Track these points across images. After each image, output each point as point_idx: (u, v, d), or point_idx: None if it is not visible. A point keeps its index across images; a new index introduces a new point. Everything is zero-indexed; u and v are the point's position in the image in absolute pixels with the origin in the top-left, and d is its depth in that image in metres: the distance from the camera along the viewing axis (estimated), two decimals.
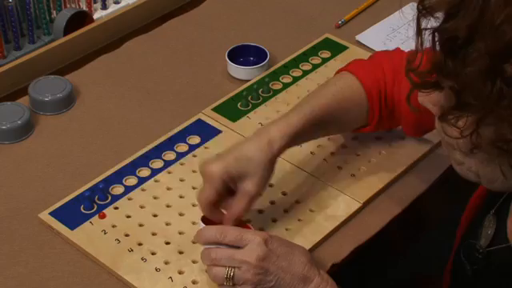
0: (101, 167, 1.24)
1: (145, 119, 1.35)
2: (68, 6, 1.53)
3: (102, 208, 1.17)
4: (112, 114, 1.36)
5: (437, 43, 0.83)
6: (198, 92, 1.40)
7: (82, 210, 1.17)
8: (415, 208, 1.22)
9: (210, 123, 1.32)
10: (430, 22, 0.83)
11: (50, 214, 1.16)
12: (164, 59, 1.48)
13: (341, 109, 1.17)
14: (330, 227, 1.16)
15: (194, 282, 1.07)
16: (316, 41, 1.51)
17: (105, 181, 1.21)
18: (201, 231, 1.06)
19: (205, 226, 1.06)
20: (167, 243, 1.12)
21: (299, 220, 1.17)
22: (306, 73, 1.43)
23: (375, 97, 1.19)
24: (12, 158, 1.27)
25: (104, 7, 1.58)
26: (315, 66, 1.45)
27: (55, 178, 1.23)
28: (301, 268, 1.03)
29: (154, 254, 1.11)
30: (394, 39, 1.52)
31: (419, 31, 0.84)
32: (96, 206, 1.17)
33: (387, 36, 1.53)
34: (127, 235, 1.13)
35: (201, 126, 1.32)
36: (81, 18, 1.50)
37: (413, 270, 1.45)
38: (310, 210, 1.18)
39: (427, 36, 0.84)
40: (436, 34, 0.83)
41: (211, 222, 1.08)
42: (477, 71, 0.78)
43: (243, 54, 1.45)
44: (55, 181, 1.23)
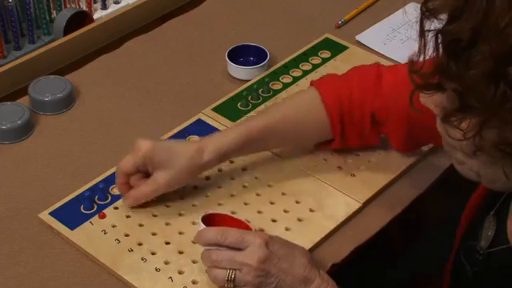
0: (101, 167, 1.24)
1: (145, 119, 1.35)
2: (68, 5, 1.53)
3: (101, 208, 1.17)
4: (112, 114, 1.36)
5: (440, 45, 0.83)
6: (197, 92, 1.40)
7: (82, 210, 1.17)
8: (415, 208, 1.22)
9: (210, 123, 1.32)
10: (434, 24, 0.83)
11: (49, 214, 1.16)
12: (164, 59, 1.48)
13: (293, 125, 1.19)
14: (330, 227, 1.16)
15: (194, 282, 1.07)
16: (316, 41, 1.51)
17: (105, 181, 1.21)
18: (201, 232, 1.06)
19: (205, 226, 1.06)
20: (167, 243, 1.12)
21: (299, 220, 1.17)
22: (305, 73, 1.43)
23: (336, 113, 1.19)
24: (12, 158, 1.27)
25: (104, 7, 1.58)
26: (315, 66, 1.45)
27: (55, 178, 1.24)
28: (301, 269, 1.04)
29: (153, 254, 1.11)
30: (394, 39, 1.52)
31: (422, 33, 0.84)
32: (96, 206, 1.17)
33: (387, 36, 1.53)
34: (127, 235, 1.13)
35: (201, 126, 1.32)
36: (81, 18, 1.50)
37: (413, 270, 1.45)
38: (310, 210, 1.18)
39: (430, 38, 0.83)
40: (439, 35, 0.82)
41: (211, 222, 1.08)
42: (480, 74, 0.78)
43: (243, 54, 1.45)
44: (55, 181, 1.23)
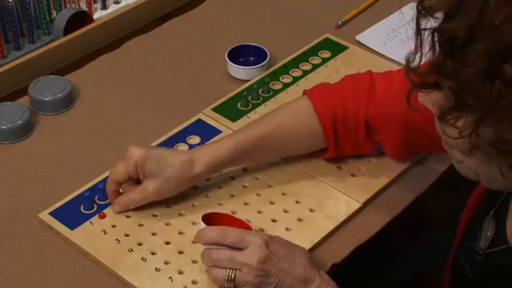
0: (101, 167, 1.24)
1: (145, 119, 1.35)
2: (68, 5, 1.53)
3: (101, 208, 1.17)
4: (112, 114, 1.36)
5: (436, 43, 0.83)
6: (197, 92, 1.40)
7: (82, 210, 1.17)
8: (415, 208, 1.22)
9: (210, 123, 1.32)
10: (430, 23, 0.83)
11: (49, 214, 1.16)
12: (164, 59, 1.48)
13: (286, 137, 1.19)
14: (330, 227, 1.16)
15: (194, 282, 1.07)
16: (316, 41, 1.51)
17: (105, 181, 1.20)
18: (201, 231, 1.06)
19: (205, 226, 1.06)
20: (167, 243, 1.12)
21: (299, 220, 1.17)
22: (305, 73, 1.43)
23: (328, 122, 1.18)
24: (12, 158, 1.27)
25: (104, 7, 1.58)
26: (315, 66, 1.45)
27: (55, 178, 1.24)
28: (301, 270, 1.04)
29: (153, 254, 1.11)
30: (394, 39, 1.52)
31: (418, 31, 0.84)
32: (96, 206, 1.17)
33: (387, 36, 1.53)
34: (127, 235, 1.13)
35: (201, 126, 1.32)
36: (81, 18, 1.50)
37: (413, 270, 1.45)
38: (310, 210, 1.18)
39: (426, 36, 0.84)
40: (435, 34, 0.82)
41: (211, 221, 1.08)
42: (476, 72, 0.78)
43: (243, 54, 1.45)
44: (55, 181, 1.23)
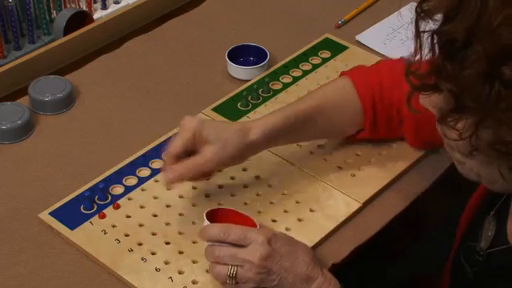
0: (101, 167, 1.24)
1: (145, 119, 1.35)
2: (68, 5, 1.53)
3: (101, 208, 1.17)
4: (112, 114, 1.36)
5: (436, 46, 0.83)
6: (197, 92, 1.40)
7: (82, 210, 1.17)
8: (415, 208, 1.22)
9: None
10: (429, 25, 0.83)
11: (49, 214, 1.16)
12: (164, 59, 1.48)
13: (329, 112, 1.19)
14: (330, 227, 1.16)
15: (194, 282, 1.07)
16: (316, 41, 1.51)
17: (105, 181, 1.21)
18: (205, 229, 1.06)
19: (209, 223, 1.06)
20: (167, 243, 1.12)
21: (299, 220, 1.17)
22: (306, 73, 1.43)
23: (369, 102, 1.19)
24: (12, 158, 1.27)
25: (104, 7, 1.58)
26: (315, 66, 1.45)
27: (55, 178, 1.24)
28: (304, 268, 1.04)
29: (153, 254, 1.11)
30: (394, 39, 1.52)
31: (418, 34, 0.84)
32: (96, 206, 1.17)
33: (387, 36, 1.53)
34: (127, 235, 1.13)
35: None
36: (81, 18, 1.50)
37: (413, 270, 1.45)
38: (310, 210, 1.18)
39: (426, 39, 0.84)
40: (435, 36, 0.83)
41: (216, 218, 1.08)
42: (475, 74, 0.78)
43: (243, 54, 1.45)
44: (55, 181, 1.23)
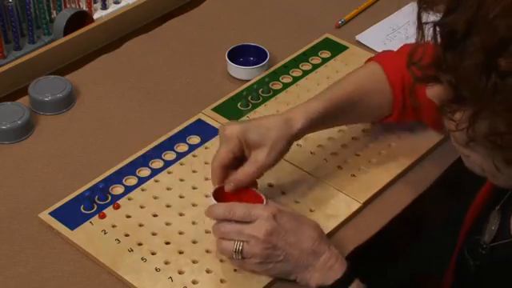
0: (101, 167, 1.24)
1: (145, 119, 1.35)
2: (68, 5, 1.53)
3: (101, 208, 1.17)
4: (112, 114, 1.36)
5: (438, 37, 0.83)
6: (197, 92, 1.40)
7: (82, 210, 1.17)
8: (415, 208, 1.22)
9: (210, 123, 1.32)
10: (432, 17, 0.84)
11: (49, 214, 1.16)
12: (164, 59, 1.48)
13: (363, 97, 1.19)
14: (330, 227, 1.16)
15: (194, 282, 1.07)
16: (316, 41, 1.51)
17: (105, 181, 1.21)
18: (211, 208, 1.07)
19: (215, 202, 1.07)
20: (167, 243, 1.12)
21: None
22: (305, 73, 1.43)
23: (398, 86, 1.20)
24: (12, 158, 1.27)
25: (104, 7, 1.58)
26: (315, 66, 1.45)
27: (55, 178, 1.24)
28: (310, 243, 1.04)
29: (154, 254, 1.11)
30: (394, 39, 1.52)
31: (420, 25, 0.85)
32: (96, 206, 1.17)
33: (387, 36, 1.53)
34: (127, 235, 1.13)
35: (201, 126, 1.32)
36: (81, 18, 1.50)
37: (413, 270, 1.45)
38: (310, 210, 1.18)
39: (428, 31, 0.84)
40: (437, 28, 0.83)
41: (222, 198, 1.08)
42: (473, 65, 0.79)
43: (243, 54, 1.45)
44: (55, 181, 1.23)
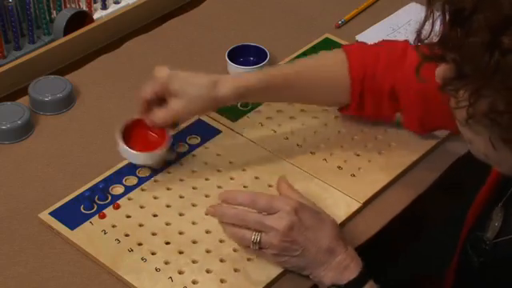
0: (101, 167, 1.24)
1: None
2: (68, 5, 1.53)
3: (101, 208, 1.17)
4: (112, 114, 1.36)
5: (446, 15, 0.84)
6: None
7: (82, 210, 1.17)
8: (416, 208, 1.22)
9: (210, 123, 1.32)
10: None
11: (50, 214, 1.16)
12: (164, 59, 1.48)
13: (315, 81, 1.22)
14: None
15: (194, 282, 1.07)
16: (316, 41, 1.50)
17: (105, 181, 1.21)
18: (234, 193, 1.09)
19: (125, 146, 1.18)
20: (167, 243, 1.12)
21: None
22: None
23: (358, 79, 1.21)
24: (12, 158, 1.27)
25: (104, 7, 1.58)
26: None
27: (55, 178, 1.24)
28: (327, 242, 1.05)
29: (154, 254, 1.11)
30: (394, 39, 1.52)
31: (429, 2, 0.86)
32: (96, 206, 1.17)
33: (387, 36, 1.53)
34: (127, 235, 1.13)
35: (201, 126, 1.32)
36: (81, 18, 1.50)
37: (413, 270, 1.45)
38: None
39: (437, 8, 0.85)
40: (445, 6, 0.84)
41: (132, 129, 1.19)
42: (478, 42, 0.80)
43: (243, 54, 1.45)
44: (55, 181, 1.23)
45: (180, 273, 1.09)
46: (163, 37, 1.54)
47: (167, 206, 1.18)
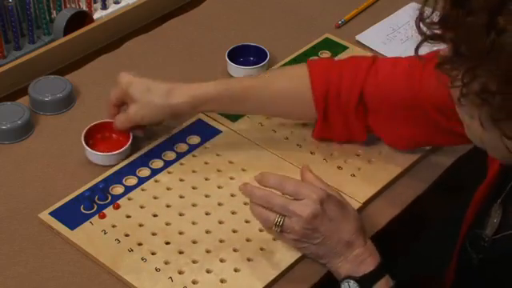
0: (101, 167, 1.24)
1: None
2: (68, 5, 1.53)
3: (101, 208, 1.17)
4: None
5: None
6: None
7: (82, 210, 1.17)
8: (415, 208, 1.22)
9: (210, 123, 1.32)
10: None
11: (49, 214, 1.16)
12: (164, 59, 1.48)
13: (276, 93, 1.23)
14: None
15: (194, 282, 1.07)
16: (316, 41, 1.50)
17: (105, 181, 1.21)
18: (266, 174, 1.09)
19: (89, 149, 1.22)
20: (167, 243, 1.12)
21: None
22: None
23: (320, 93, 1.20)
24: (12, 158, 1.27)
25: (104, 7, 1.58)
26: None
27: (55, 178, 1.24)
28: (348, 234, 1.06)
29: (154, 254, 1.11)
30: (394, 39, 1.52)
31: None
32: (96, 206, 1.17)
33: (387, 36, 1.53)
34: (127, 235, 1.13)
35: (201, 125, 1.32)
36: (81, 18, 1.50)
37: (413, 270, 1.45)
38: None
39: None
40: None
41: (94, 131, 1.24)
42: (475, 22, 0.80)
43: (243, 54, 1.45)
44: (55, 181, 1.23)
45: (180, 273, 1.09)
46: (163, 37, 1.54)
47: (167, 206, 1.18)
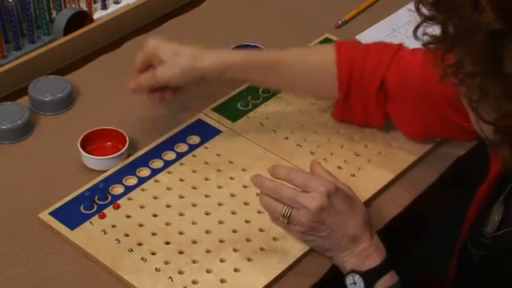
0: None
1: (145, 119, 1.34)
2: (68, 5, 1.53)
3: (101, 208, 1.17)
4: (112, 114, 1.35)
5: None
6: (197, 92, 1.40)
7: (82, 210, 1.16)
8: (416, 207, 1.22)
9: (210, 123, 1.32)
10: None
11: (49, 214, 1.16)
12: None
13: (300, 67, 1.24)
14: None
15: (194, 282, 1.07)
16: (316, 41, 1.50)
17: (105, 181, 1.21)
18: (277, 166, 1.11)
19: (85, 153, 1.21)
20: (167, 243, 1.12)
21: None
22: None
23: (345, 72, 1.21)
24: (12, 158, 1.27)
25: (104, 7, 1.58)
26: None
27: (55, 178, 1.23)
28: (354, 229, 1.07)
29: (154, 254, 1.11)
30: (394, 39, 1.52)
31: None
32: (96, 206, 1.17)
33: (387, 36, 1.53)
34: (127, 235, 1.13)
35: (201, 125, 1.32)
36: (81, 18, 1.50)
37: (414, 270, 1.45)
38: None
39: None
40: None
41: (91, 137, 1.24)
42: (462, 2, 0.80)
43: None
44: (55, 181, 1.23)
45: (180, 273, 1.09)
46: (163, 37, 1.53)
47: (167, 206, 1.18)
